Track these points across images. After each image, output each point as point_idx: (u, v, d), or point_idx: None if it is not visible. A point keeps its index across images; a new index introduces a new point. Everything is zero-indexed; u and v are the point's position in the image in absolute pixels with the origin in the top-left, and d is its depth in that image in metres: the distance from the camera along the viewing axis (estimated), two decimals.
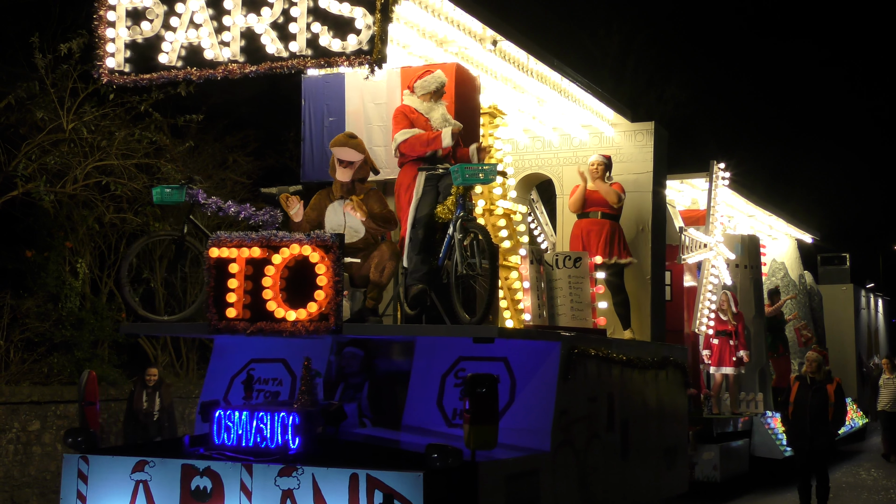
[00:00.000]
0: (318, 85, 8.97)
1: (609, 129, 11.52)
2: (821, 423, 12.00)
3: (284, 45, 7.01)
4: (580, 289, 9.27)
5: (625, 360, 9.35)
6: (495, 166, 7.54)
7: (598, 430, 8.77)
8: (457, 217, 7.59)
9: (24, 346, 13.81)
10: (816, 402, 12.02)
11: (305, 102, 8.97)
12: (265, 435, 7.03)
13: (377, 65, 6.79)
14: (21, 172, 13.44)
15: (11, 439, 12.17)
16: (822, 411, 12.01)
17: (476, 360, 8.18)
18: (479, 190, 10.04)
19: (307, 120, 8.93)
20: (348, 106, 8.80)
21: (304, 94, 9.00)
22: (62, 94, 13.81)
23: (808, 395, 12.08)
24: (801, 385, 12.23)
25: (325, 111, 8.84)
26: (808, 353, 12.80)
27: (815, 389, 12.08)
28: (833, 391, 12.15)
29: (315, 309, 7.20)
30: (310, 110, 8.93)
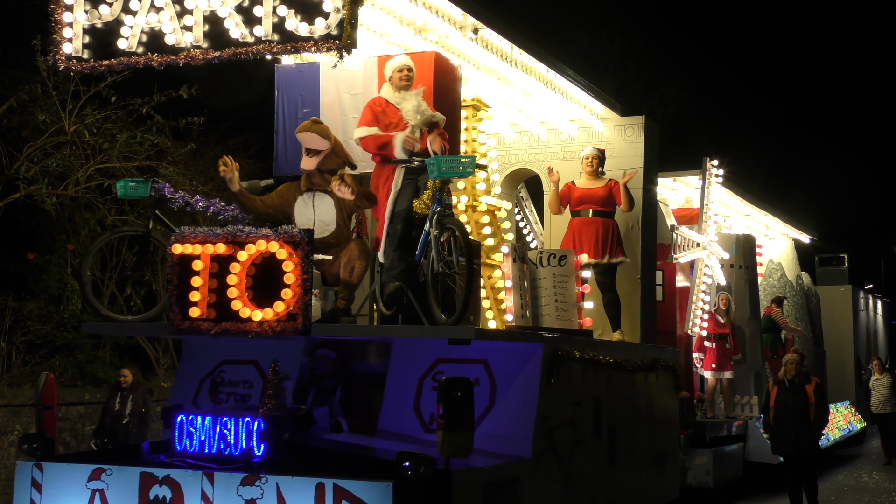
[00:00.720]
0: (293, 74, 8.60)
1: (598, 123, 11.16)
2: (803, 426, 11.64)
3: (249, 30, 6.64)
4: (565, 288, 8.90)
5: (612, 362, 8.98)
6: (474, 159, 7.17)
7: (583, 435, 8.40)
8: (433, 212, 7.23)
9: (26, 349, 13.81)
10: (797, 405, 11.67)
11: (279, 93, 8.61)
12: (229, 441, 6.66)
13: (346, 50, 6.44)
14: (23, 175, 13.42)
15: (13, 441, 12.07)
16: (803, 413, 11.66)
17: (455, 363, 7.84)
18: (462, 185, 9.68)
19: (280, 111, 8.57)
20: (323, 96, 8.44)
21: (278, 85, 8.64)
22: (64, 96, 13.85)
23: (788, 397, 11.73)
24: (780, 389, 11.88)
25: (299, 102, 8.48)
26: (787, 355, 12.45)
27: (794, 391, 11.73)
28: (812, 391, 11.80)
29: (282, 308, 6.84)
30: (283, 101, 8.57)
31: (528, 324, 8.65)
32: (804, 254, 22.05)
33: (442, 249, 7.14)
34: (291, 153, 8.25)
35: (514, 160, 11.56)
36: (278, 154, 8.52)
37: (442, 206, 7.22)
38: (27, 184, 13.50)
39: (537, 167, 11.46)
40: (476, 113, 9.87)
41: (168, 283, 7.06)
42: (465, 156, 7.24)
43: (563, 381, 8.04)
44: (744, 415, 14.88)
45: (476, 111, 9.86)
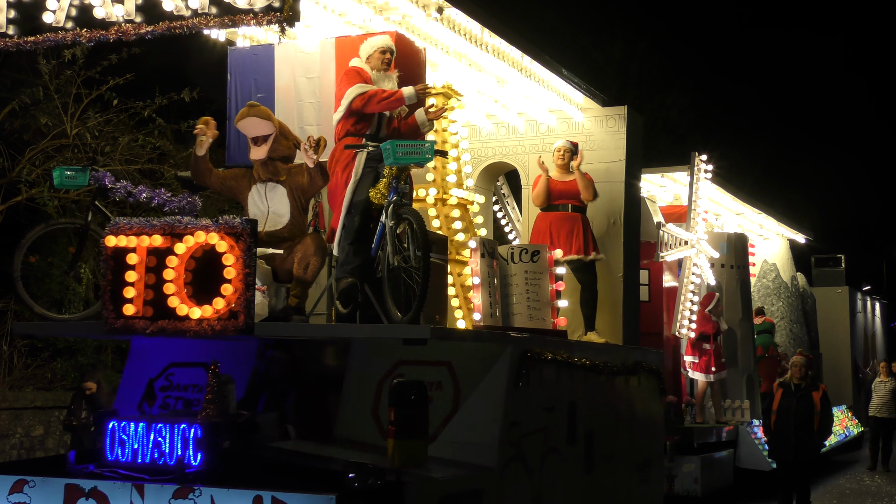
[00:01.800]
0: (246, 58, 8.08)
1: (578, 114, 10.63)
2: (805, 434, 11.09)
3: (184, 3, 6.11)
4: (538, 286, 8.35)
5: (589, 365, 8.44)
6: (433, 144, 6.65)
7: (556, 443, 7.86)
8: (389, 202, 6.70)
9: (28, 352, 13.91)
10: (801, 411, 11.12)
11: (231, 77, 8.08)
12: (163, 450, 6.12)
13: (289, 23, 5.91)
14: (25, 178, 13.48)
15: (15, 444, 12.11)
16: (807, 420, 11.11)
17: (417, 365, 7.29)
18: (431, 177, 9.15)
19: (233, 97, 8.04)
20: (278, 80, 7.92)
21: (230, 68, 8.11)
22: (66, 99, 13.93)
23: (793, 402, 11.18)
24: (785, 392, 11.32)
25: (252, 86, 7.95)
26: (794, 357, 11.88)
27: (800, 397, 11.18)
28: (819, 399, 11.25)
29: (222, 305, 6.31)
30: (236, 86, 8.04)
31: (497, 323, 8.11)
32: (800, 254, 21.53)
33: (398, 242, 6.62)
34: (245, 142, 7.70)
35: (491, 153, 11.03)
36: (231, 143, 7.99)
37: (399, 194, 6.69)
38: (29, 187, 13.60)
39: (515, 160, 10.93)
40: (447, 101, 9.32)
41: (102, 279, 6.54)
42: (423, 141, 6.70)
43: (534, 385, 7.50)
44: (735, 420, 14.35)
45: (447, 99, 9.31)
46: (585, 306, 9.79)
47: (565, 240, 9.57)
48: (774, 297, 19.42)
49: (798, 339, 19.13)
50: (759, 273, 19.57)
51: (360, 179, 7.06)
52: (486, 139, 11.05)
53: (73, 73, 13.82)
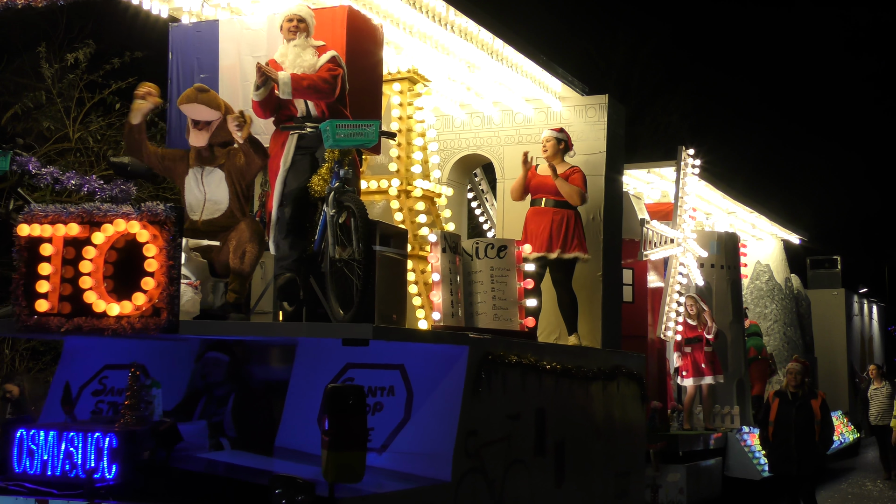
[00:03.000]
0: (188, 35, 7.47)
1: (556, 103, 10.02)
2: (807, 444, 10.43)
3: None
4: (504, 283, 7.73)
5: (560, 369, 7.84)
6: (378, 124, 6.04)
7: (521, 453, 7.26)
8: (330, 189, 6.09)
9: (30, 355, 13.85)
10: (800, 421, 10.47)
11: (173, 56, 7.47)
12: (75, 461, 5.54)
13: None
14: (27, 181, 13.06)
15: None
16: (807, 431, 10.46)
17: (367, 368, 6.72)
18: (395, 168, 8.55)
19: (174, 77, 7.43)
20: (223, 60, 7.31)
21: (172, 47, 7.50)
22: (68, 103, 13.97)
23: (791, 412, 10.52)
24: (782, 402, 10.66)
25: (195, 66, 7.35)
26: (790, 364, 11.21)
27: (799, 406, 10.52)
28: (819, 407, 10.58)
29: (143, 301, 5.71)
30: (178, 66, 7.43)
31: (459, 324, 7.50)
32: (794, 255, 20.89)
33: (340, 233, 6.01)
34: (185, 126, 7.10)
35: (465, 144, 10.43)
36: (171, 126, 7.39)
37: (341, 181, 6.08)
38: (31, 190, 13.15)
39: (490, 152, 10.32)
40: (412, 87, 8.74)
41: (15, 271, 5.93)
42: (367, 121, 6.09)
43: (496, 391, 6.90)
44: (724, 426, 13.73)
45: (412, 84, 8.74)
46: (566, 308, 9.18)
47: (543, 236, 8.96)
48: (768, 300, 18.81)
49: (792, 343, 18.52)
50: (752, 274, 18.96)
51: (290, 167, 6.45)
52: (459, 130, 10.44)
53: (76, 76, 13.87)
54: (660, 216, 13.19)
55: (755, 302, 18.79)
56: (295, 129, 6.36)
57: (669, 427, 12.62)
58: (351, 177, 6.10)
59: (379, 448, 6.47)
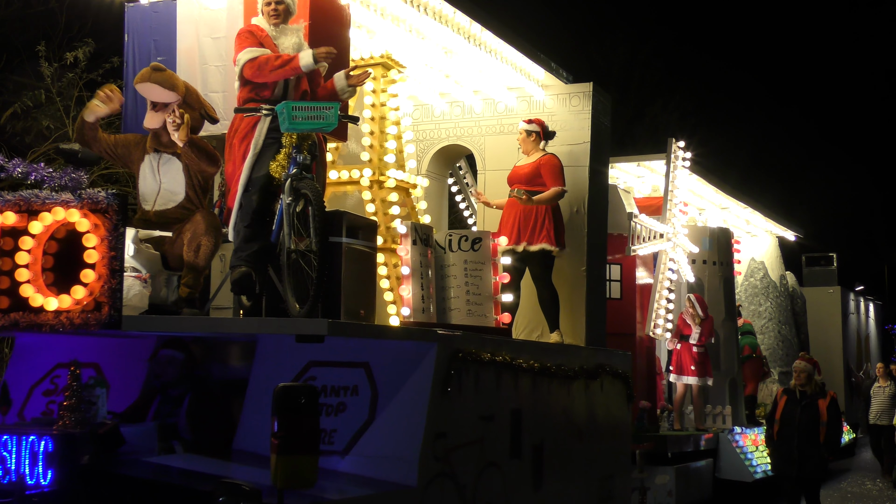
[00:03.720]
0: (145, 15, 7.11)
1: (539, 91, 9.66)
2: (811, 446, 10.04)
3: None
4: (479, 277, 7.37)
5: (538, 368, 7.47)
6: (337, 106, 5.66)
7: (496, 456, 6.89)
8: (287, 175, 5.72)
9: None
10: (806, 421, 10.09)
11: (129, 38, 7.11)
12: (8, 466, 5.17)
13: None
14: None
15: None
16: (812, 432, 10.08)
17: (330, 366, 6.36)
18: (367, 157, 8.19)
19: (130, 60, 7.08)
20: (180, 42, 6.95)
21: (128, 28, 7.15)
22: (68, 102, 13.94)
23: (797, 411, 10.15)
24: (789, 400, 10.29)
25: (152, 48, 6.99)
26: (796, 362, 10.81)
27: (805, 405, 10.14)
28: (826, 407, 10.20)
29: (83, 295, 5.33)
30: (134, 47, 7.08)
31: (431, 320, 7.14)
32: (789, 252, 20.56)
33: (297, 222, 5.64)
34: (143, 109, 6.74)
35: (446, 135, 10.06)
36: (127, 111, 7.03)
37: (299, 167, 5.70)
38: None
39: (471, 143, 9.95)
40: (386, 73, 8.37)
41: None
42: (325, 104, 5.71)
43: (468, 390, 6.54)
44: (716, 427, 13.37)
45: (386, 70, 8.36)
46: (546, 304, 8.80)
47: (517, 228, 8.59)
48: (762, 298, 18.46)
49: (787, 342, 18.17)
50: (747, 272, 18.62)
51: (260, 152, 6.05)
52: (439, 120, 10.08)
53: (76, 76, 13.88)
54: (650, 211, 12.80)
55: (749, 300, 18.45)
56: (249, 111, 5.98)
57: (659, 427, 12.26)
58: (309, 163, 5.73)
59: (341, 451, 6.13)
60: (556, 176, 8.68)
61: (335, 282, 6.71)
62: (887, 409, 16.28)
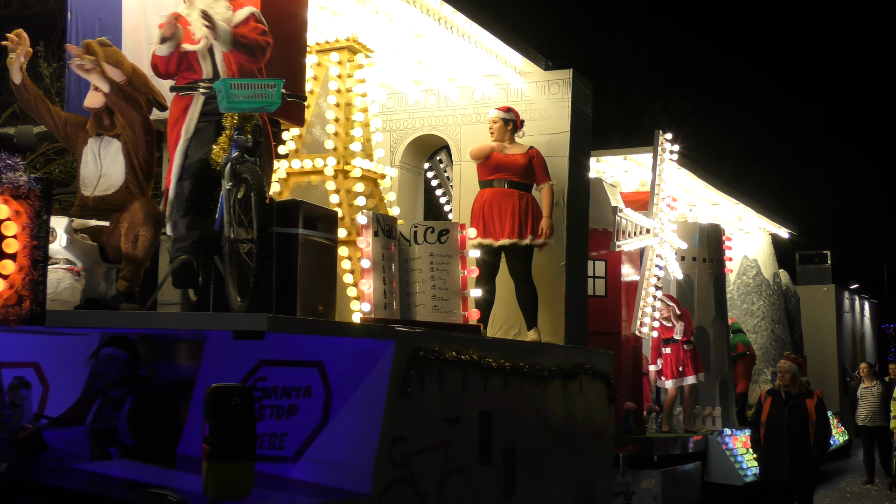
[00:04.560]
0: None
1: (517, 79, 9.23)
2: (801, 448, 9.63)
3: None
4: (446, 272, 6.94)
5: (510, 367, 7.05)
6: (281, 84, 5.24)
7: (462, 461, 6.47)
8: (227, 159, 5.30)
9: None
10: (794, 422, 9.68)
11: (72, 16, 6.73)
12: None
13: None
14: None
15: None
16: (801, 433, 9.67)
17: (282, 366, 5.96)
18: (331, 145, 7.76)
19: (74, 39, 6.67)
20: (126, 20, 6.54)
21: (71, 6, 6.75)
22: None
23: (784, 413, 9.74)
24: (775, 401, 9.88)
25: (96, 27, 6.59)
26: (781, 361, 10.42)
27: (792, 406, 9.73)
28: (814, 407, 9.80)
29: (2, 288, 4.89)
30: (77, 26, 6.69)
31: (393, 316, 6.72)
32: (783, 250, 20.14)
33: (238, 210, 5.22)
34: (86, 91, 6.31)
35: (420, 124, 9.63)
36: (70, 92, 6.64)
37: (241, 150, 5.28)
38: None
39: (446, 133, 9.52)
40: (352, 57, 7.95)
41: None
42: (268, 80, 5.29)
43: (430, 391, 6.12)
44: (705, 428, 12.96)
45: (352, 54, 7.94)
46: (525, 301, 8.38)
47: (498, 221, 8.17)
48: (755, 296, 18.05)
49: (780, 341, 17.77)
50: (739, 270, 18.21)
51: (193, 135, 5.61)
52: (413, 109, 9.65)
53: None
54: (637, 206, 12.39)
55: (742, 298, 18.05)
56: (186, 89, 5.54)
57: (645, 430, 11.86)
58: (252, 146, 5.30)
59: (292, 456, 5.71)
60: (546, 171, 8.36)
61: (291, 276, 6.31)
62: (878, 410, 15.82)
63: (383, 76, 9.34)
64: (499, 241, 8.15)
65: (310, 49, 7.97)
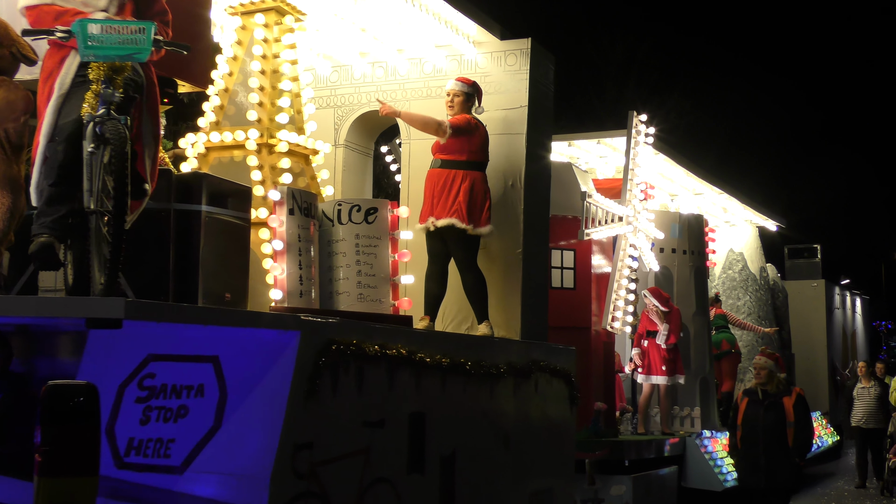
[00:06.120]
0: None
1: (471, 49, 8.45)
2: (779, 451, 8.85)
3: None
4: (374, 255, 6.15)
5: (448, 364, 6.26)
6: (152, 27, 4.43)
7: (387, 471, 5.69)
8: (91, 118, 4.49)
9: None
10: (771, 423, 8.90)
11: None
12: None
13: None
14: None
15: None
16: (779, 435, 8.88)
17: (174, 361, 5.18)
18: (255, 116, 6.98)
19: None
20: None
21: None
22: None
23: (760, 413, 8.96)
24: (751, 401, 9.11)
25: None
26: (756, 357, 9.63)
27: (769, 405, 8.95)
28: (792, 406, 9.01)
29: None
30: None
31: (311, 305, 5.95)
32: (770, 243, 19.38)
33: (103, 175, 4.41)
34: None
35: (367, 99, 8.84)
36: None
37: (108, 107, 4.47)
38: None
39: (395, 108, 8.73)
40: (280, 19, 7.18)
41: None
42: (134, 22, 4.49)
43: (347, 391, 5.34)
44: (683, 430, 12.20)
45: (280, 16, 7.17)
46: (474, 292, 7.59)
47: (440, 202, 7.38)
48: (741, 291, 17.32)
49: (767, 338, 17.01)
50: (724, 264, 17.47)
51: (69, 91, 4.78)
52: (359, 83, 8.87)
53: None
54: (612, 193, 11.60)
55: (727, 293, 17.31)
56: (39, 33, 4.70)
57: (618, 432, 11.08)
58: (122, 101, 4.50)
59: (179, 466, 4.95)
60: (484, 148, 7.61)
61: (191, 259, 5.57)
62: (874, 412, 15.07)
63: (326, 47, 8.58)
64: (440, 220, 7.31)
65: (234, 9, 7.25)
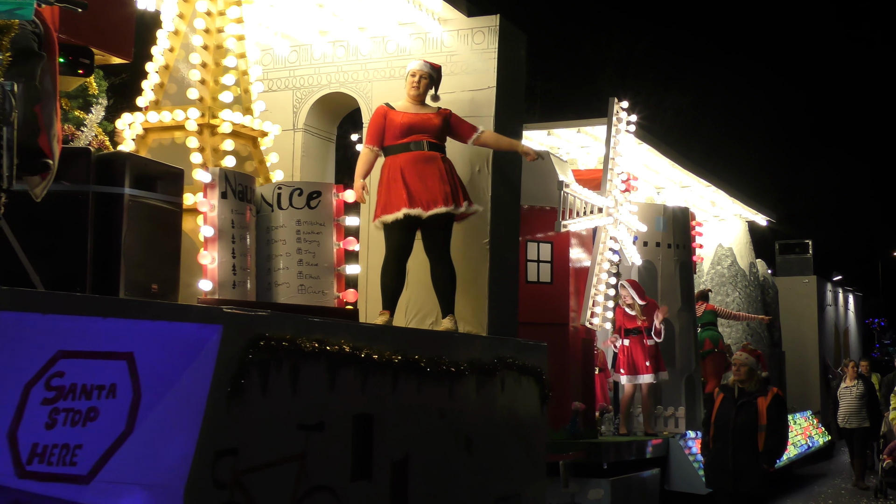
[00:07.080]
0: None
1: (436, 27, 7.96)
2: (747, 455, 8.29)
3: None
4: (316, 243, 5.64)
5: (399, 361, 5.76)
6: None
7: (327, 478, 5.18)
8: None
9: None
10: (742, 424, 8.33)
11: None
12: None
13: None
14: None
15: None
16: (748, 437, 8.32)
17: (86, 358, 4.66)
18: (196, 95, 6.47)
19: None
20: None
21: None
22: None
23: (732, 413, 8.42)
24: (725, 399, 8.56)
25: None
26: (736, 353, 9.08)
27: (742, 405, 8.40)
28: (766, 408, 8.42)
29: None
30: None
31: (247, 298, 5.44)
32: (760, 238, 18.95)
33: None
34: None
35: (327, 81, 8.35)
36: None
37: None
38: None
39: (356, 90, 8.24)
40: None
41: None
42: None
43: (278, 391, 4.83)
44: (666, 431, 11.71)
45: None
46: (441, 284, 7.10)
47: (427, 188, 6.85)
48: (730, 287, 16.87)
49: (756, 336, 16.58)
50: (713, 259, 17.02)
51: None
52: (319, 63, 8.37)
53: None
54: (593, 185, 11.11)
55: (716, 290, 16.87)
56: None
57: (597, 433, 10.60)
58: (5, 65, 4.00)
59: (86, 475, 4.42)
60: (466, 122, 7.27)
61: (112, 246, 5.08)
62: (856, 412, 14.71)
63: (284, 26, 8.10)
64: (430, 211, 6.81)
65: None
